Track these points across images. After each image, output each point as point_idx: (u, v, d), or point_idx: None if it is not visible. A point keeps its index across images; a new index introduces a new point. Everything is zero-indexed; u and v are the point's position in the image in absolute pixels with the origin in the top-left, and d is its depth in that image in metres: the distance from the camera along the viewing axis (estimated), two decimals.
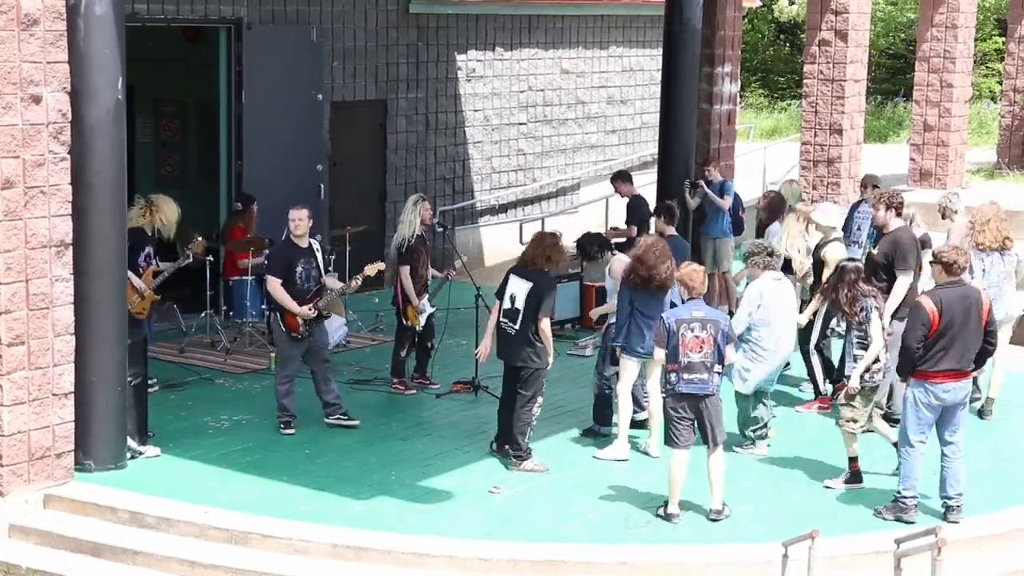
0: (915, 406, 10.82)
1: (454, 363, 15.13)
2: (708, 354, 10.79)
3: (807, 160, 21.09)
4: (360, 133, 19.09)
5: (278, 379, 12.89)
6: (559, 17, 22.31)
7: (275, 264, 12.92)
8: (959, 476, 10.97)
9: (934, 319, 10.63)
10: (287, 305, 12.67)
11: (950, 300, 10.72)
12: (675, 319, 10.86)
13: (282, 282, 12.69)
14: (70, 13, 10.92)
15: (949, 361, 10.70)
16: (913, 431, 10.86)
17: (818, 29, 20.47)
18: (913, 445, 10.89)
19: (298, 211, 12.89)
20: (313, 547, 10.34)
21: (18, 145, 10.63)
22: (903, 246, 12.86)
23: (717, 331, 10.82)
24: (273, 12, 17.74)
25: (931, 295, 10.84)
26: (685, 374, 10.78)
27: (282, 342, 12.84)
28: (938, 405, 10.80)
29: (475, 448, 12.56)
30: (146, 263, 13.75)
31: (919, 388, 10.79)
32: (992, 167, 25.51)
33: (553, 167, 22.65)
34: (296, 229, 12.84)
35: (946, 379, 10.72)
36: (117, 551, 10.48)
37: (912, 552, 9.14)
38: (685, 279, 11.04)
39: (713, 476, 10.97)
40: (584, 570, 10.14)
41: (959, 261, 10.86)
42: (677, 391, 10.83)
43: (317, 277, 12.95)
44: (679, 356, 10.77)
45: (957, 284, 10.86)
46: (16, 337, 10.79)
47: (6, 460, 10.86)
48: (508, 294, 12.00)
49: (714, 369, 10.83)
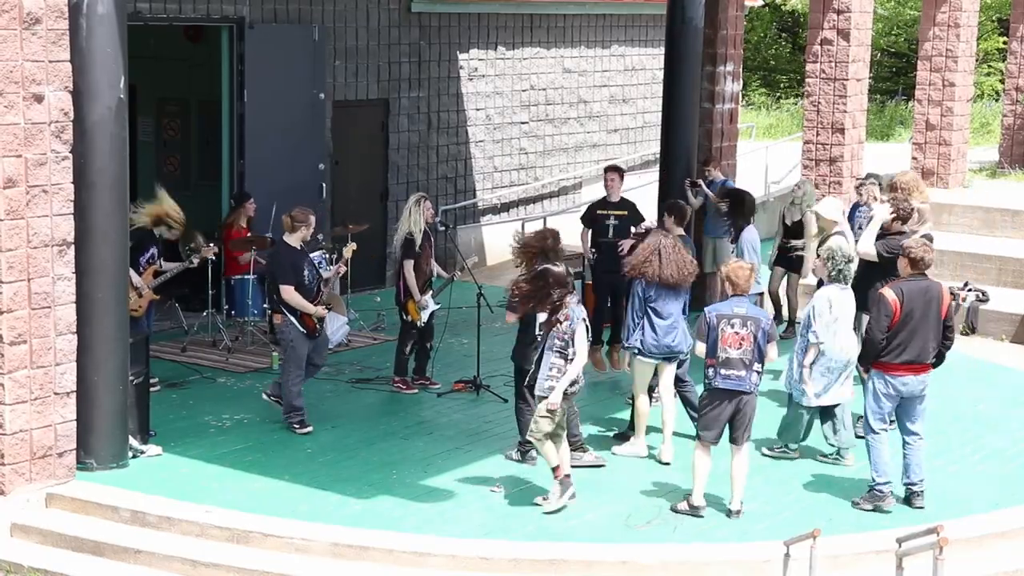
0: (875, 396, 11.14)
1: (456, 362, 15.13)
2: (747, 351, 10.76)
3: (809, 159, 21.05)
4: (362, 132, 19.10)
5: (291, 380, 12.89)
6: (561, 16, 22.32)
7: (286, 271, 12.95)
8: (920, 463, 11.30)
9: (896, 310, 10.91)
10: (305, 308, 12.79)
11: (912, 293, 11.00)
12: (716, 313, 10.86)
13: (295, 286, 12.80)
14: (72, 12, 10.92)
15: (909, 354, 10.99)
16: (875, 420, 11.19)
17: (820, 28, 20.43)
18: (877, 432, 11.20)
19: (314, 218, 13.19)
20: (314, 546, 10.34)
21: (20, 144, 10.63)
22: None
23: (758, 329, 10.79)
24: (275, 11, 17.75)
25: (893, 287, 11.12)
26: (723, 369, 10.78)
27: (299, 342, 12.88)
28: (896, 395, 11.10)
29: (476, 447, 12.56)
30: (148, 263, 13.76)
31: (879, 379, 11.10)
32: (994, 166, 25.47)
33: (555, 166, 22.65)
34: (307, 236, 13.10)
35: (905, 372, 11.04)
36: (119, 550, 10.49)
37: (913, 551, 9.15)
38: (731, 275, 11.00)
39: (736, 476, 11.00)
40: (585, 569, 10.14)
41: (926, 258, 11.12)
42: (713, 386, 10.83)
43: (317, 275, 13.10)
44: (717, 351, 10.77)
45: (920, 278, 11.08)
46: (18, 336, 10.79)
47: (8, 459, 10.87)
48: None
49: (753, 367, 10.80)
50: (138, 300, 13.53)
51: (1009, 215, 20.59)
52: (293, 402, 12.89)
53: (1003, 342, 17.34)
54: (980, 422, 13.71)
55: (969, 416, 13.91)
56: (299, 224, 13.01)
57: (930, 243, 13.26)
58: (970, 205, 20.93)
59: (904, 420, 11.25)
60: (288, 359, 13.00)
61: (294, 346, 12.91)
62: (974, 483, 11.97)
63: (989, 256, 18.87)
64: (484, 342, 14.53)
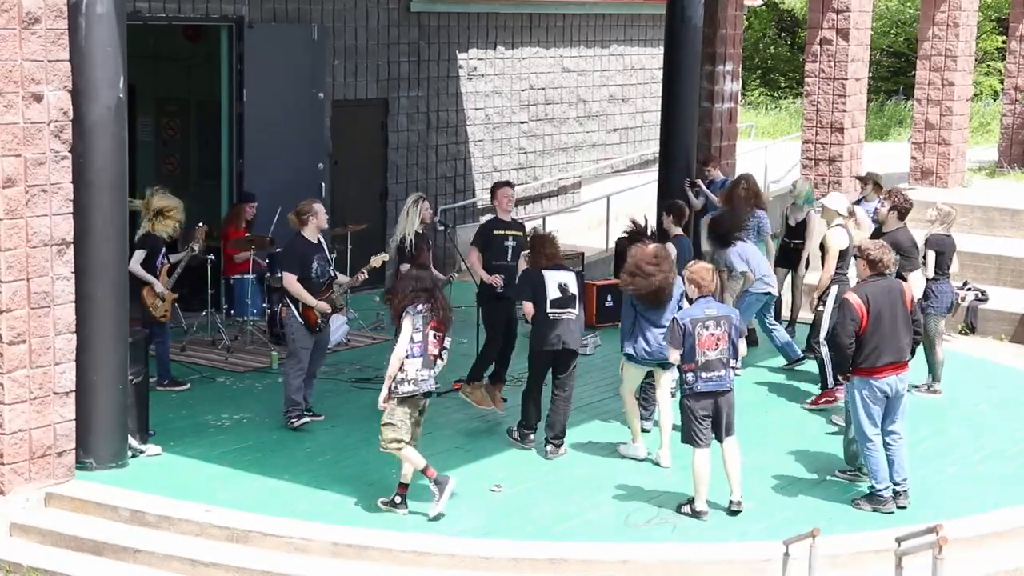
0: (864, 403, 11.09)
1: (455, 362, 15.08)
2: (724, 351, 10.85)
3: (808, 158, 21.10)
4: (361, 132, 19.09)
5: (292, 373, 12.88)
6: (560, 15, 22.32)
7: (292, 260, 12.95)
8: (904, 462, 11.28)
9: (862, 314, 10.90)
10: (306, 299, 12.77)
11: (875, 294, 11.01)
12: (690, 319, 10.87)
13: (298, 277, 12.76)
14: (71, 11, 10.92)
15: (888, 355, 10.98)
16: (868, 427, 11.13)
17: (819, 27, 20.47)
18: (872, 439, 11.15)
19: (321, 205, 13.08)
20: (314, 546, 10.34)
21: (19, 143, 10.63)
22: (903, 248, 12.88)
23: (730, 326, 10.87)
24: (274, 10, 17.74)
25: (856, 290, 11.14)
26: (703, 372, 10.81)
27: (299, 335, 12.87)
28: (883, 398, 11.08)
29: (476, 446, 12.56)
30: (161, 265, 13.78)
31: (865, 387, 11.04)
32: (993, 166, 25.48)
33: (554, 166, 22.65)
34: (325, 223, 13.05)
35: (888, 373, 11.01)
36: (118, 550, 10.48)
37: (913, 550, 9.15)
38: (695, 278, 11.04)
39: (730, 467, 11.03)
40: (585, 569, 10.14)
41: (884, 258, 11.15)
42: (696, 390, 10.85)
43: (328, 271, 13.07)
44: (696, 355, 10.79)
45: (879, 278, 11.13)
46: (17, 336, 10.79)
47: (7, 459, 10.86)
48: (557, 284, 12.20)
49: (729, 364, 10.88)
50: (163, 305, 13.57)
51: (1008, 214, 20.61)
52: (292, 395, 12.88)
53: (1002, 342, 17.35)
54: (980, 422, 13.71)
55: (969, 416, 13.91)
56: (305, 215, 12.97)
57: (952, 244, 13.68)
58: (969, 204, 20.93)
59: (885, 421, 11.22)
60: (289, 352, 13.01)
61: (295, 338, 12.90)
62: (974, 483, 11.96)
63: (988, 255, 18.88)
64: (483, 342, 14.51)
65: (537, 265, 12.37)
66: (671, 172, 16.86)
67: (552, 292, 12.22)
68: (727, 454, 11.04)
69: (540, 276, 12.31)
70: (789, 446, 12.67)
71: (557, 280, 12.28)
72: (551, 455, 12.31)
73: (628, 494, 11.46)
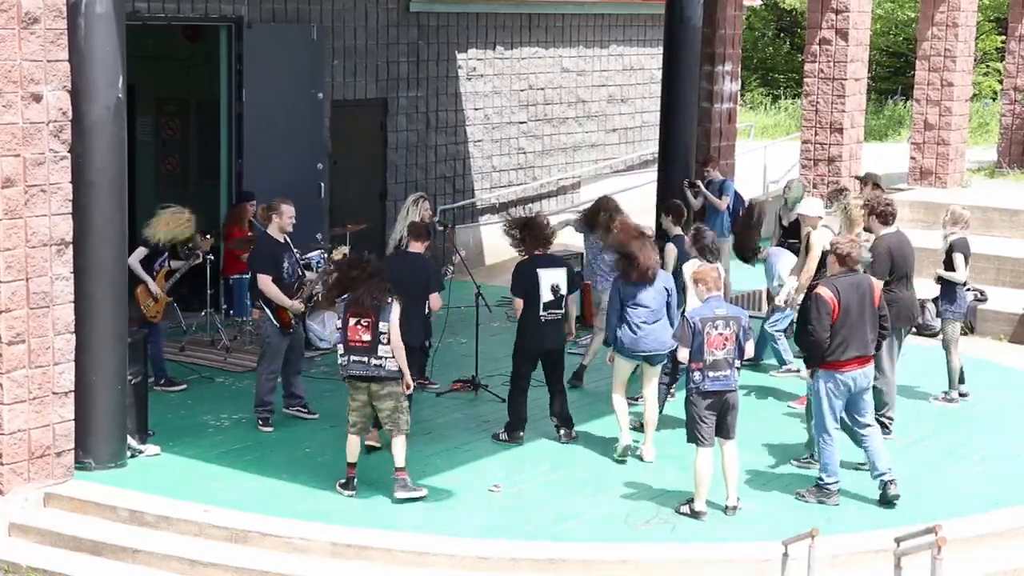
0: (827, 397, 11.20)
1: (454, 362, 15.12)
2: (731, 351, 10.90)
3: (807, 158, 21.08)
4: (360, 132, 19.09)
5: (265, 374, 12.93)
6: (559, 16, 22.31)
7: (265, 261, 12.94)
8: (882, 450, 11.34)
9: (834, 307, 11.03)
10: (280, 300, 12.77)
11: (845, 289, 11.16)
12: (699, 317, 10.91)
13: (272, 278, 12.77)
14: (71, 11, 10.92)
15: (854, 349, 11.10)
16: (828, 421, 11.24)
17: (819, 28, 20.46)
18: (830, 433, 11.25)
19: (292, 207, 13.03)
20: (313, 546, 10.34)
21: (19, 143, 10.63)
22: (877, 255, 12.63)
23: (739, 327, 10.93)
24: (274, 10, 17.73)
25: (827, 284, 11.24)
26: (711, 372, 10.85)
27: (275, 337, 12.89)
28: (846, 391, 11.18)
29: (475, 446, 12.56)
30: (160, 267, 13.78)
31: (829, 380, 11.16)
32: (992, 166, 25.47)
33: (553, 166, 22.65)
34: (289, 226, 12.96)
35: (853, 367, 11.11)
36: (117, 550, 10.48)
37: (912, 551, 9.15)
38: (702, 277, 11.11)
39: (728, 472, 11.05)
40: (584, 568, 10.15)
41: (852, 253, 11.27)
42: (703, 389, 10.88)
43: (298, 270, 13.09)
44: (704, 354, 10.83)
45: (849, 274, 11.25)
46: (16, 336, 10.79)
47: (6, 459, 10.86)
48: (550, 286, 12.37)
49: (734, 365, 10.93)
50: (156, 306, 13.58)
51: (1007, 215, 20.59)
52: (264, 397, 12.92)
53: (1002, 342, 17.34)
54: (979, 422, 13.71)
55: (968, 416, 13.91)
56: (271, 213, 13.03)
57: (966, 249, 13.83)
58: (968, 205, 20.86)
59: (854, 415, 11.33)
60: (263, 354, 13.01)
61: (270, 342, 12.92)
62: (973, 483, 11.97)
63: (987, 256, 18.85)
64: (483, 342, 14.53)
65: (529, 253, 12.50)
66: (670, 172, 16.85)
67: (545, 295, 12.39)
68: (726, 458, 11.05)
69: (535, 276, 12.37)
70: (789, 446, 12.66)
71: (551, 281, 12.41)
72: (565, 439, 12.66)
73: (628, 494, 11.46)
